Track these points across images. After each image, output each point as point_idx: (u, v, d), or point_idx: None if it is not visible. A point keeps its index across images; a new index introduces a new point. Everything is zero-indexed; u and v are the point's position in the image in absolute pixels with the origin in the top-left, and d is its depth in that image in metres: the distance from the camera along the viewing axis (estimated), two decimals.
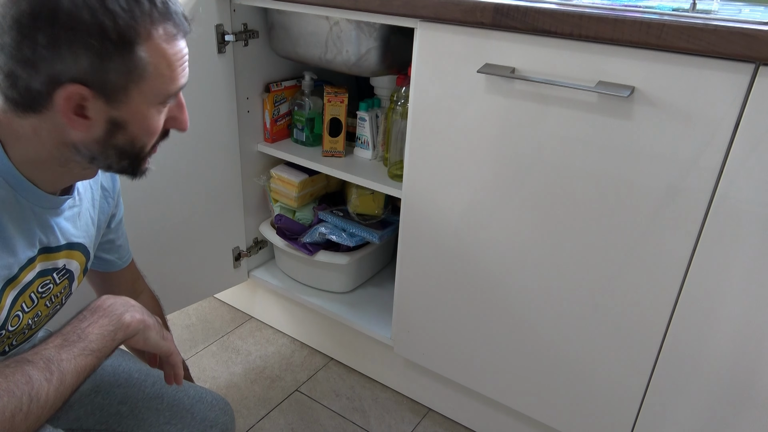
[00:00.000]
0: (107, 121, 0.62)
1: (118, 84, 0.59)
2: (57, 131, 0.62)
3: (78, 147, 0.63)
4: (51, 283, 0.74)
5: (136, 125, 0.64)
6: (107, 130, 0.62)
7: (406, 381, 1.38)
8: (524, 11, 0.85)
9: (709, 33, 0.73)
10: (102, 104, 0.60)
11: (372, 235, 1.37)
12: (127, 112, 0.62)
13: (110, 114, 0.61)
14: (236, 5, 1.24)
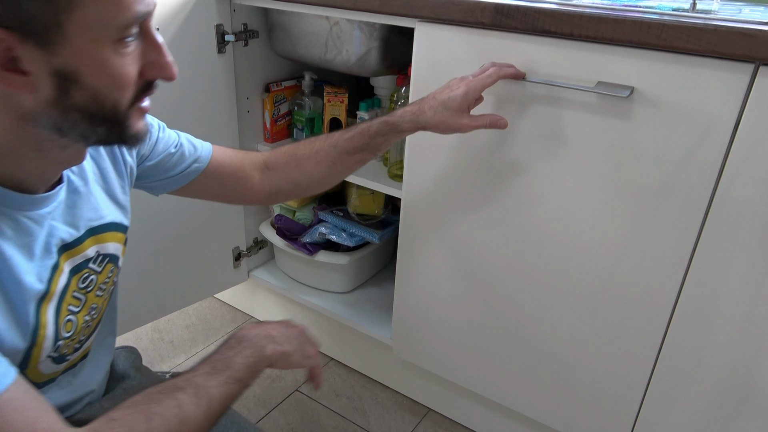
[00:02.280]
0: (52, 74, 0.50)
1: (43, 18, 0.47)
2: (4, 103, 0.51)
3: (35, 116, 0.52)
4: (91, 274, 0.68)
5: (92, 74, 0.51)
6: (57, 87, 0.50)
7: (406, 381, 1.38)
8: (524, 11, 0.85)
9: (709, 33, 0.73)
10: (35, 50, 0.48)
11: (372, 235, 1.37)
12: (72, 58, 0.49)
13: (51, 63, 0.49)
14: (236, 5, 1.24)
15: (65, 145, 0.56)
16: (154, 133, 0.80)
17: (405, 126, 0.85)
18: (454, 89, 0.85)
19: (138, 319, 1.28)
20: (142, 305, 1.26)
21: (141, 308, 1.27)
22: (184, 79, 1.20)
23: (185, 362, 1.47)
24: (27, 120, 0.52)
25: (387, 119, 0.86)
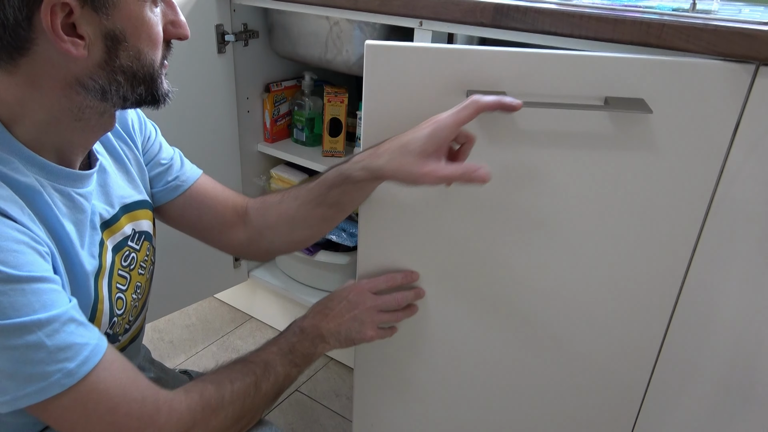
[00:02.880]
0: (104, 37, 0.54)
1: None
2: (53, 70, 0.54)
3: (84, 82, 0.56)
4: (131, 252, 0.72)
5: (136, 34, 0.56)
6: (108, 49, 0.55)
7: None
8: (524, 11, 0.85)
9: (709, 33, 0.73)
10: (91, 14, 0.52)
11: None
12: (120, 19, 0.54)
13: (104, 26, 0.54)
14: (236, 5, 1.24)
15: (103, 110, 0.60)
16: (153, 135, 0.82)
17: (357, 174, 0.69)
18: (420, 128, 0.65)
19: None
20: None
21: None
22: (184, 79, 1.20)
23: (185, 362, 1.47)
24: (74, 86, 0.56)
25: (340, 167, 0.71)
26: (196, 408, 0.59)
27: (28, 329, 0.51)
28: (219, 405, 0.61)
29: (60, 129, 0.58)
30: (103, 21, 0.53)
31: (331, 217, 0.79)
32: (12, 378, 0.50)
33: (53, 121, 0.57)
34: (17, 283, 0.51)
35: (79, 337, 0.54)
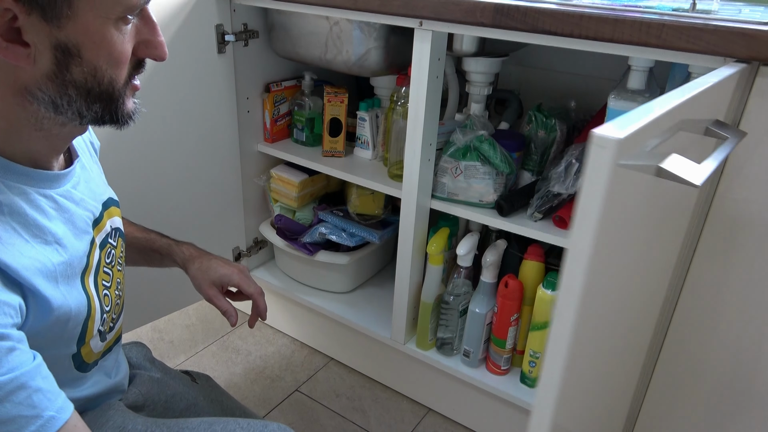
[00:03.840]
0: (54, 47, 0.50)
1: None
2: (3, 74, 0.51)
3: (33, 91, 0.52)
4: (112, 248, 0.71)
5: (93, 50, 0.52)
6: (57, 61, 0.51)
7: (406, 381, 1.38)
8: (524, 11, 0.85)
9: (709, 33, 0.73)
10: (40, 23, 0.49)
11: (372, 235, 1.37)
12: (76, 33, 0.50)
13: (55, 36, 0.50)
14: (236, 5, 1.24)
15: (63, 122, 0.56)
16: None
17: (176, 258, 0.90)
18: (226, 266, 0.89)
19: (138, 319, 1.28)
20: (142, 305, 1.26)
21: (141, 308, 1.26)
22: (184, 79, 1.20)
23: (185, 362, 1.47)
24: (24, 95, 0.52)
25: (173, 243, 0.91)
26: None
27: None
28: None
29: (23, 137, 0.55)
30: (54, 32, 0.50)
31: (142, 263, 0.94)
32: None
33: (14, 130, 0.55)
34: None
35: (27, 409, 0.47)
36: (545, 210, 1.05)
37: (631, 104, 0.89)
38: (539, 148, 1.14)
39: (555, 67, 1.30)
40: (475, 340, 1.20)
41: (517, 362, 1.22)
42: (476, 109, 1.20)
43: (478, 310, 1.17)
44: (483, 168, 1.08)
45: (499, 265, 1.16)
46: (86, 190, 0.66)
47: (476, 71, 1.15)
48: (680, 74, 0.91)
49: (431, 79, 1.02)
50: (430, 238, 1.19)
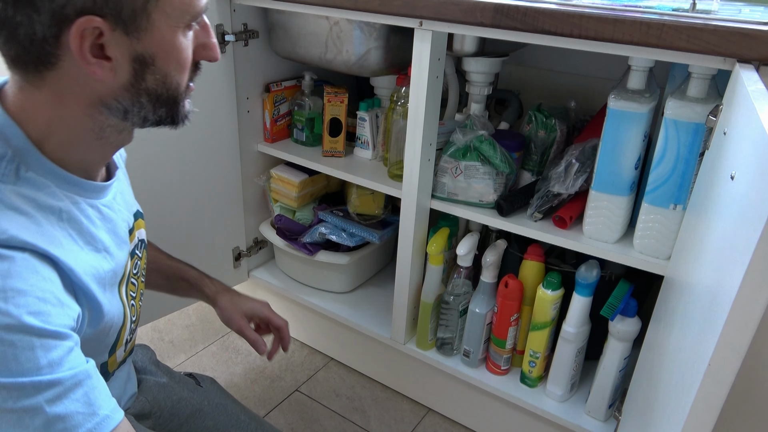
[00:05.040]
0: (133, 60, 0.53)
1: (135, 6, 0.51)
2: (77, 88, 0.53)
3: (107, 102, 0.55)
4: (138, 259, 0.73)
5: (165, 58, 0.55)
6: (134, 72, 0.54)
7: (406, 381, 1.38)
8: (524, 11, 0.85)
9: (709, 33, 0.73)
10: (122, 37, 0.52)
11: (372, 235, 1.37)
12: (152, 43, 0.53)
13: (134, 49, 0.53)
14: (236, 5, 1.24)
15: (123, 128, 0.59)
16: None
17: (206, 289, 0.93)
18: (255, 300, 0.97)
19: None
20: (142, 305, 1.26)
21: (141, 308, 1.26)
22: None
23: (185, 362, 1.47)
24: (97, 106, 0.55)
25: (204, 276, 0.95)
26: None
27: (28, 392, 0.46)
28: None
29: (81, 147, 0.58)
30: (134, 44, 0.53)
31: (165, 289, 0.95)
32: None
33: (75, 140, 0.57)
34: (28, 334, 0.46)
35: (84, 407, 0.49)
36: (545, 210, 1.05)
37: (631, 104, 0.89)
38: (539, 148, 1.14)
39: (555, 67, 1.30)
40: (475, 340, 1.20)
41: (517, 362, 1.22)
42: (476, 109, 1.20)
43: (478, 310, 1.17)
44: (483, 168, 1.08)
45: (499, 265, 1.16)
46: (122, 201, 0.68)
47: (476, 71, 1.15)
48: (680, 74, 0.91)
49: (431, 79, 1.02)
50: (430, 238, 1.19)
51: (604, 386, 1.08)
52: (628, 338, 1.04)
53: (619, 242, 0.99)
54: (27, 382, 0.46)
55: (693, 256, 0.62)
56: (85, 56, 0.51)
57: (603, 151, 0.94)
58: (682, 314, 0.72)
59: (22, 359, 0.46)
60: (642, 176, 0.98)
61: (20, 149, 0.53)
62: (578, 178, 1.01)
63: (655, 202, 0.91)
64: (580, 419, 1.11)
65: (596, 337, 1.10)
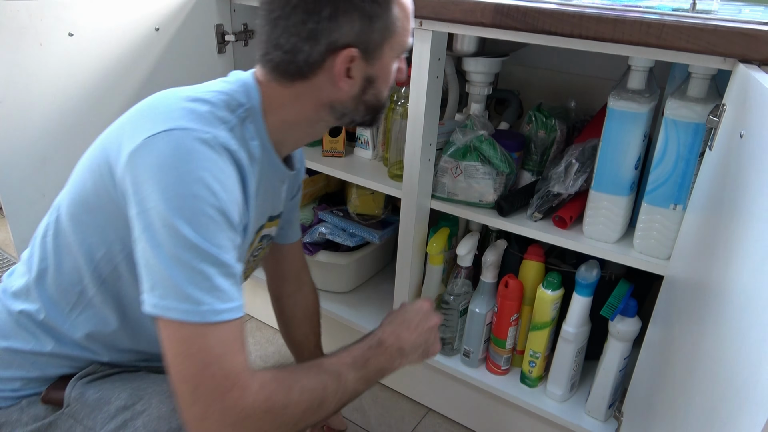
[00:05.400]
0: (364, 79, 0.71)
1: (377, 42, 0.69)
2: (318, 93, 0.71)
3: (334, 105, 0.73)
4: (261, 248, 0.82)
5: (382, 79, 0.73)
6: (362, 87, 0.72)
7: (406, 381, 1.38)
8: (524, 11, 0.85)
9: (709, 33, 0.73)
10: (363, 63, 0.70)
11: (372, 235, 1.37)
12: (378, 68, 0.71)
13: (367, 71, 0.71)
14: (236, 5, 1.24)
15: (330, 125, 0.77)
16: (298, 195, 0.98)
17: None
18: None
19: None
20: None
21: None
22: (184, 80, 1.20)
23: None
24: (325, 107, 0.73)
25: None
26: (260, 406, 0.61)
27: (209, 259, 0.58)
28: (281, 410, 0.62)
29: (294, 129, 0.75)
30: (368, 68, 0.71)
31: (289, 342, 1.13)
32: (175, 290, 0.57)
33: (294, 124, 0.74)
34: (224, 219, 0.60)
35: (232, 291, 0.60)
36: (545, 210, 1.05)
37: (631, 104, 0.89)
38: (539, 148, 1.14)
39: (555, 67, 1.30)
40: (475, 340, 1.20)
41: (517, 362, 1.22)
42: (476, 109, 1.20)
43: (478, 310, 1.17)
44: (483, 168, 1.08)
45: (499, 265, 1.16)
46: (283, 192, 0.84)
47: (476, 71, 1.15)
48: (680, 74, 0.91)
49: (431, 79, 1.02)
50: (430, 238, 1.19)
51: (604, 386, 1.08)
52: (628, 338, 1.04)
53: (619, 242, 0.99)
54: (213, 253, 0.59)
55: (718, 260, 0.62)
56: (341, 75, 0.69)
57: (603, 151, 0.94)
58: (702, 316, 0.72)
59: (217, 235, 0.59)
60: (642, 176, 0.98)
61: (254, 108, 0.71)
62: (578, 178, 1.01)
63: (655, 202, 0.91)
64: (580, 419, 1.11)
65: (596, 337, 1.10)
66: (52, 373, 0.73)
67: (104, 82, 1.08)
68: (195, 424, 0.58)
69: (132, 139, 0.62)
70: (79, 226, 0.69)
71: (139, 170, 0.60)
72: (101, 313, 0.71)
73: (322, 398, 0.66)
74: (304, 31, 0.66)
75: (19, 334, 0.73)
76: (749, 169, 0.58)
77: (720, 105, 0.75)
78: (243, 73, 0.74)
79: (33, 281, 0.72)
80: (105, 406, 0.69)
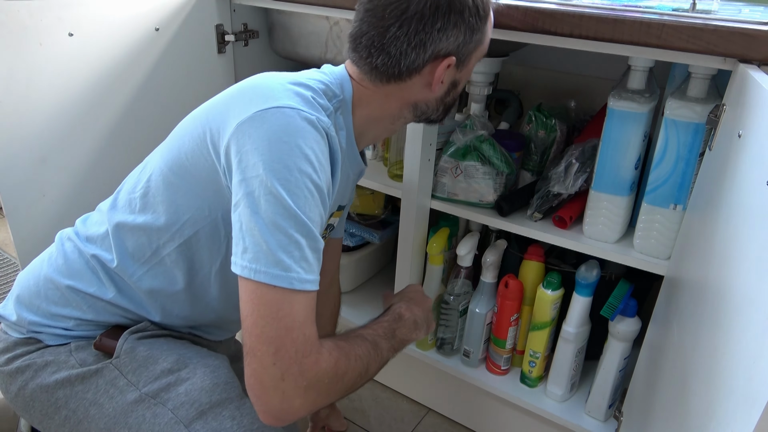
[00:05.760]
0: (451, 83, 0.77)
1: (469, 52, 0.74)
2: (408, 94, 0.75)
3: (418, 105, 0.77)
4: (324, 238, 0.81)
5: (463, 82, 0.79)
6: (447, 91, 0.77)
7: (406, 381, 1.38)
8: (524, 11, 0.85)
9: (709, 33, 0.73)
10: (455, 69, 0.74)
11: (372, 235, 1.37)
12: (462, 75, 0.77)
13: (455, 77, 0.76)
14: (236, 5, 1.24)
15: (407, 122, 0.81)
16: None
17: None
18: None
19: None
20: None
21: None
22: (185, 79, 1.20)
23: None
24: (409, 106, 0.78)
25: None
26: (330, 371, 0.64)
27: (304, 230, 0.61)
28: (342, 375, 0.66)
29: (376, 124, 0.79)
30: (456, 74, 0.76)
31: None
32: (267, 254, 0.60)
33: (377, 120, 0.78)
34: (319, 195, 0.64)
35: (316, 264, 0.63)
36: (545, 210, 1.05)
37: (631, 104, 0.89)
38: (539, 148, 1.14)
39: (555, 67, 1.30)
40: (475, 340, 1.20)
41: (517, 362, 1.22)
42: (476, 109, 1.20)
43: (478, 310, 1.17)
44: (483, 168, 1.08)
45: (499, 265, 1.16)
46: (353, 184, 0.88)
47: (476, 71, 1.15)
48: (680, 74, 0.91)
49: None
50: (430, 238, 1.19)
51: (604, 386, 1.08)
52: (628, 338, 1.04)
53: (619, 242, 0.99)
54: (308, 225, 0.62)
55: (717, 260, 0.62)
56: (438, 80, 0.74)
57: (603, 151, 0.94)
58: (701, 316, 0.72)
59: (313, 209, 0.63)
60: (642, 176, 0.98)
61: (346, 100, 0.75)
62: (578, 178, 1.01)
63: (655, 202, 0.91)
64: (580, 419, 1.11)
65: (596, 337, 1.10)
66: (106, 319, 0.77)
67: (104, 82, 1.08)
68: (271, 385, 0.61)
69: (241, 112, 0.65)
70: (169, 188, 0.72)
71: (247, 140, 0.63)
72: (171, 273, 0.75)
73: (368, 365, 0.70)
74: (415, 40, 0.70)
75: (86, 276, 0.76)
76: (747, 169, 0.58)
77: (720, 105, 0.75)
78: (337, 67, 0.78)
79: (113, 230, 0.75)
80: (152, 366, 0.73)
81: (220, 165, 0.67)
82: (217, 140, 0.67)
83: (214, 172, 0.68)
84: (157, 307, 0.77)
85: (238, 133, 0.64)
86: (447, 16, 0.70)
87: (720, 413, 0.49)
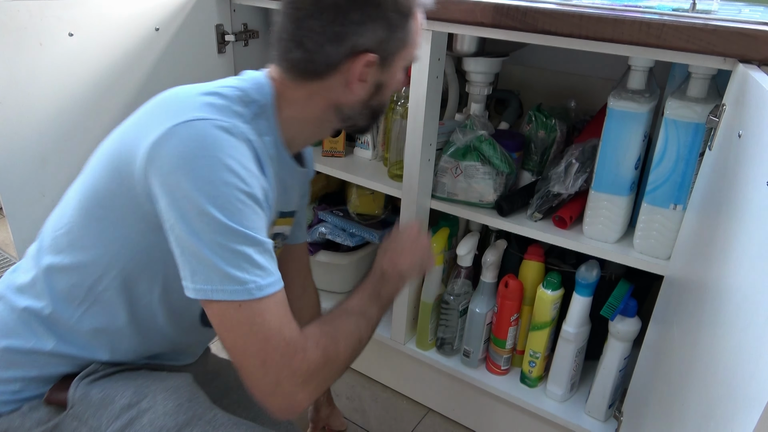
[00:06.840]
0: (375, 85, 0.73)
1: (393, 51, 0.71)
2: (329, 94, 0.72)
3: (342, 108, 0.74)
4: (276, 248, 0.80)
5: (389, 87, 0.75)
6: (371, 93, 0.73)
7: (406, 381, 1.38)
8: (524, 11, 0.85)
9: (709, 33, 0.73)
10: (377, 70, 0.71)
11: (372, 235, 1.37)
12: (388, 76, 0.73)
13: (379, 78, 0.72)
14: (236, 5, 1.24)
15: (334, 126, 0.78)
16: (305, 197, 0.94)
17: None
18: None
19: None
20: None
21: None
22: (185, 79, 1.20)
23: None
24: (333, 109, 0.74)
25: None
26: (320, 361, 0.65)
27: (246, 240, 0.61)
28: (335, 359, 0.67)
29: (303, 127, 0.76)
30: (380, 75, 0.72)
31: None
32: (217, 272, 0.59)
33: (302, 121, 0.75)
34: (253, 202, 0.62)
35: (271, 266, 0.63)
36: (545, 210, 1.05)
37: (631, 104, 0.89)
38: (539, 148, 1.14)
39: (555, 67, 1.30)
40: (475, 340, 1.20)
41: (517, 362, 1.22)
42: (476, 109, 1.20)
43: (478, 310, 1.17)
44: (483, 168, 1.08)
45: (499, 265, 1.16)
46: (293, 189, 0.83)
47: (476, 71, 1.15)
48: (680, 74, 0.91)
49: (431, 79, 1.02)
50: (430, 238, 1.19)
51: (604, 386, 1.08)
52: (628, 338, 1.04)
53: (619, 242, 0.99)
54: (249, 234, 0.61)
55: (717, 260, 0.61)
56: (356, 78, 0.70)
57: (603, 151, 0.94)
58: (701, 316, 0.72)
59: (249, 218, 0.61)
60: (642, 176, 0.98)
61: (267, 104, 0.71)
62: (578, 178, 1.01)
63: (655, 202, 0.91)
64: (580, 419, 1.11)
65: (596, 337, 1.10)
66: (51, 372, 0.73)
67: (104, 82, 1.08)
68: (269, 391, 0.62)
69: (152, 131, 0.62)
70: (92, 221, 0.69)
71: (164, 161, 0.61)
72: (110, 308, 0.71)
73: (360, 337, 0.71)
74: (331, 33, 0.67)
75: (20, 332, 0.72)
76: (747, 169, 0.58)
77: (720, 105, 0.75)
78: (255, 71, 0.75)
79: (41, 275, 0.71)
80: (110, 405, 0.69)
81: (141, 189, 0.64)
82: (133, 164, 0.64)
83: (135, 197, 0.65)
84: (104, 346, 0.73)
85: (153, 154, 0.61)
86: (364, 9, 0.67)
87: (720, 413, 0.49)
